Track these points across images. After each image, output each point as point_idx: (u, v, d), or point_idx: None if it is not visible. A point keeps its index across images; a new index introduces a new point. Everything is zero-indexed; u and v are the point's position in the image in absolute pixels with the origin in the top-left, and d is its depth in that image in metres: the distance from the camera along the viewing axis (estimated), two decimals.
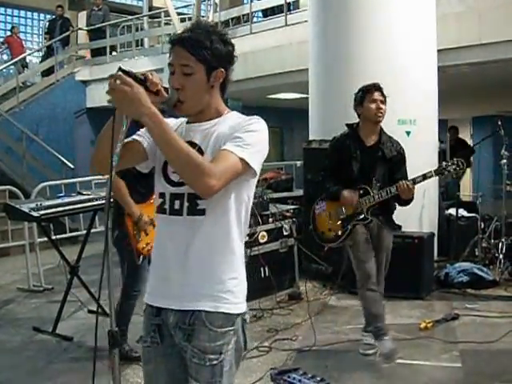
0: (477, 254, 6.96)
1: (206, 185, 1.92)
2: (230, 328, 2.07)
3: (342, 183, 4.51)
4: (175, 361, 2.15)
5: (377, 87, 4.53)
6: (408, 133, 6.87)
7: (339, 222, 4.62)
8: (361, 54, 6.86)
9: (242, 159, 1.99)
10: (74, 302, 5.77)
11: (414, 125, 6.87)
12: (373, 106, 4.47)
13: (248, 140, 2.01)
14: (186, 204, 2.08)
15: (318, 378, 3.86)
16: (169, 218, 2.13)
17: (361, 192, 4.49)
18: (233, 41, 2.17)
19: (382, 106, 4.48)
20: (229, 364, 2.07)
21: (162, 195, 2.15)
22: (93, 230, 5.40)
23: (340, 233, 4.62)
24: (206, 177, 1.90)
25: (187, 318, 2.07)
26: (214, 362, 2.04)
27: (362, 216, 4.52)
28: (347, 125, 4.75)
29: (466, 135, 16.57)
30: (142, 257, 4.35)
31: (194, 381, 2.07)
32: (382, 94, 4.51)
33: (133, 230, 4.28)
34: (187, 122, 2.19)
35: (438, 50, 7.24)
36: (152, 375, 2.21)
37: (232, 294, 2.08)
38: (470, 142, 15.49)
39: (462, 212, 7.59)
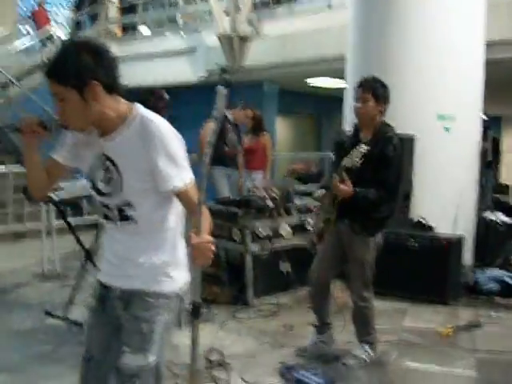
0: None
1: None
2: (165, 301, 2.49)
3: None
4: (110, 329, 2.56)
5: (359, 84, 4.54)
6: (447, 129, 7.08)
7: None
8: (401, 44, 7.05)
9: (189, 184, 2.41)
10: (89, 288, 6.12)
11: (454, 121, 7.04)
12: (353, 104, 4.55)
13: (173, 164, 2.36)
14: (115, 213, 2.49)
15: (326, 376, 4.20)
16: (105, 222, 2.58)
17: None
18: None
19: (358, 104, 4.49)
20: (159, 334, 2.47)
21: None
22: None
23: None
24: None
25: (126, 293, 2.50)
26: (145, 330, 2.45)
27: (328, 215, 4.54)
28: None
29: None
30: None
31: (126, 346, 2.46)
32: (365, 91, 4.45)
33: None
34: (99, 135, 2.44)
35: (488, 43, 7.33)
36: (90, 339, 2.64)
37: (165, 275, 2.50)
38: None
39: (502, 217, 7.69)
